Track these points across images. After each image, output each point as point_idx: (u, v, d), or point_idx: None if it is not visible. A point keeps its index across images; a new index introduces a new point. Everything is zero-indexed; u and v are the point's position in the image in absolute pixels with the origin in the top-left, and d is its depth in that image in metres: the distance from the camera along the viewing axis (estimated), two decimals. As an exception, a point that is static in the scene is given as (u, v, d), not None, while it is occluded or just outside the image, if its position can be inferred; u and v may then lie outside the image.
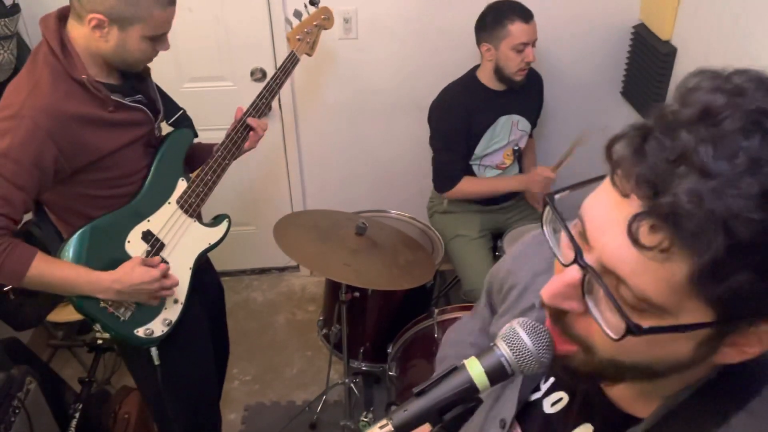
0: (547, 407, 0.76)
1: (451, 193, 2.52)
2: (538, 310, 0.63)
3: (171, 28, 1.58)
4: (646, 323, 0.53)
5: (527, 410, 0.79)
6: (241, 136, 1.83)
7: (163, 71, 1.72)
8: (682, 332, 0.53)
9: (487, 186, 2.55)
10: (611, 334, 0.54)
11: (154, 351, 1.69)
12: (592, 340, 0.59)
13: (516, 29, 2.26)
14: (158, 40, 1.57)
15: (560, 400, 0.75)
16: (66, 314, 2.52)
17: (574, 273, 0.57)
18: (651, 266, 0.51)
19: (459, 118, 2.41)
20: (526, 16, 2.27)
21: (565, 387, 0.75)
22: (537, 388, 0.78)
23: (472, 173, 2.54)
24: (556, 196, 0.61)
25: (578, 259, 0.56)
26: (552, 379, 0.77)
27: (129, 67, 1.59)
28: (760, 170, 0.47)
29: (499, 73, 2.37)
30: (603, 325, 0.55)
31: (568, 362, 0.62)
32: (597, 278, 0.54)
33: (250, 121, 1.84)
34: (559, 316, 0.61)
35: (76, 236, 1.56)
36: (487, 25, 2.33)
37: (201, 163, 1.80)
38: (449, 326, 2.10)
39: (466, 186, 2.49)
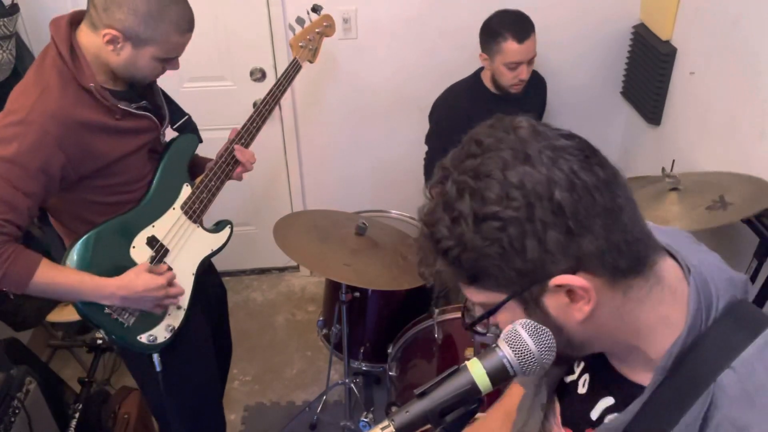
0: (581, 388, 0.84)
1: None
2: None
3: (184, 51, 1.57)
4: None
5: (565, 392, 0.88)
6: (229, 162, 1.80)
7: (175, 69, 1.71)
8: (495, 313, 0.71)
9: None
10: None
11: (156, 357, 1.68)
12: None
13: (508, 48, 2.21)
14: (169, 61, 1.56)
15: (587, 380, 0.84)
16: (66, 314, 2.52)
17: None
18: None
19: (458, 119, 2.41)
20: (522, 35, 2.21)
21: (588, 369, 0.85)
22: (571, 371, 0.88)
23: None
24: None
25: None
26: (583, 363, 0.86)
27: (135, 81, 1.58)
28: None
29: (495, 82, 2.37)
30: None
31: None
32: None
33: (237, 153, 1.79)
34: None
35: (81, 241, 1.54)
36: (485, 37, 2.30)
37: (195, 176, 1.78)
38: (449, 326, 2.12)
39: None
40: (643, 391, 0.72)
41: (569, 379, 0.88)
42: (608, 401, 0.79)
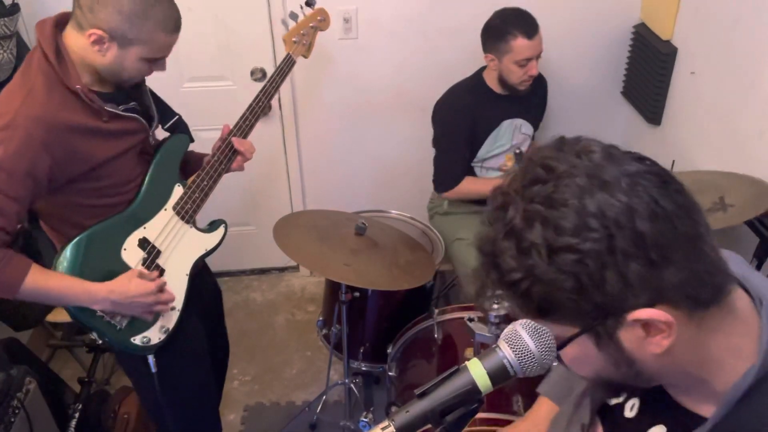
0: (627, 412, 0.82)
1: (450, 194, 2.51)
2: None
3: (171, 53, 1.56)
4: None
5: (609, 414, 0.85)
6: (227, 155, 1.80)
7: (162, 71, 1.71)
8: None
9: (488, 186, 2.52)
10: None
11: (150, 359, 1.67)
12: None
13: (518, 45, 2.22)
14: (156, 62, 1.55)
15: (635, 405, 0.81)
16: (65, 314, 2.50)
17: None
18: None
19: (463, 119, 2.41)
20: (530, 31, 2.22)
21: (637, 394, 0.82)
22: (617, 393, 0.85)
23: (473, 175, 2.54)
24: None
25: None
26: None
27: (121, 82, 1.57)
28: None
29: (502, 81, 2.37)
30: None
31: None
32: None
33: (236, 143, 1.79)
34: None
35: (72, 244, 1.53)
36: (491, 37, 2.30)
37: (191, 173, 1.78)
38: (449, 326, 2.12)
39: (466, 187, 2.48)
40: (702, 422, 0.69)
41: (614, 401, 0.84)
42: (659, 430, 0.75)
